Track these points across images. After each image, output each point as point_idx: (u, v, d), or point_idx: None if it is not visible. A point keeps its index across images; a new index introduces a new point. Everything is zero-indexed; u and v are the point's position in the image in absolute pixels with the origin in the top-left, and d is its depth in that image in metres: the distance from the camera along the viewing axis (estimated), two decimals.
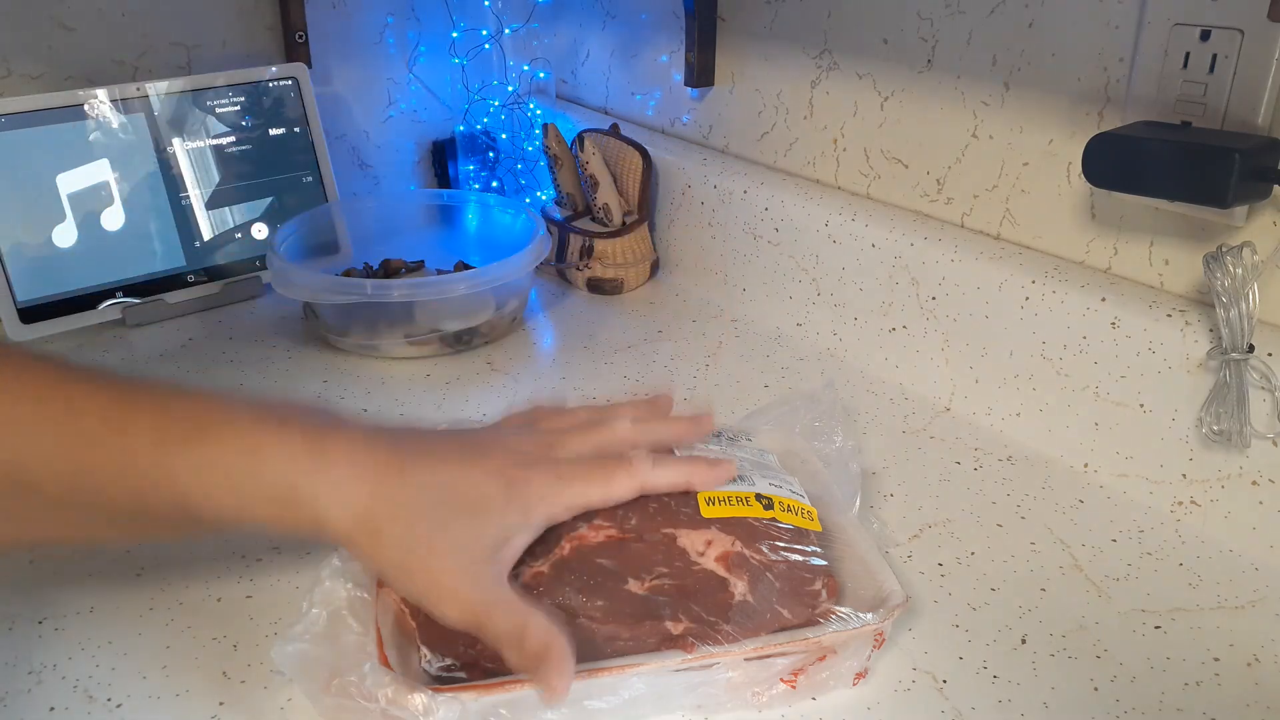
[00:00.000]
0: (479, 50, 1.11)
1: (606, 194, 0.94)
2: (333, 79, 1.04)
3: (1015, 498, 0.64)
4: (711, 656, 0.46)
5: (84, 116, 0.84)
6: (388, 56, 1.07)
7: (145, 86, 0.86)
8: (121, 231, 0.86)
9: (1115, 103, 0.65)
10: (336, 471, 0.42)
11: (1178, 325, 0.61)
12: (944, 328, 0.74)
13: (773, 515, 0.51)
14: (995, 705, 0.48)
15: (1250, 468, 0.58)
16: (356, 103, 1.06)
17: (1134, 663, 0.51)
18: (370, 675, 0.42)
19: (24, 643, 0.52)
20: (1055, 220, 0.70)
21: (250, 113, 0.92)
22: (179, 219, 0.89)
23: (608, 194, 0.94)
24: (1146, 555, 0.59)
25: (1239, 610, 0.55)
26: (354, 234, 0.95)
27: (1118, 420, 0.65)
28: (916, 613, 0.54)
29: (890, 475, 0.67)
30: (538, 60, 1.13)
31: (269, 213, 0.93)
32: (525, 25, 1.12)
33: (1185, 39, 0.59)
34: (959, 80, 0.74)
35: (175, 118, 0.88)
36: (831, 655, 0.47)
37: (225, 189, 0.91)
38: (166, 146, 0.88)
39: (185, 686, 0.49)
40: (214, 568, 0.57)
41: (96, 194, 0.85)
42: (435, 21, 1.09)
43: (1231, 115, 0.58)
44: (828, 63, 0.83)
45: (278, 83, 0.93)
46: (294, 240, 0.87)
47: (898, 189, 0.81)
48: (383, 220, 0.97)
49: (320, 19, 1.00)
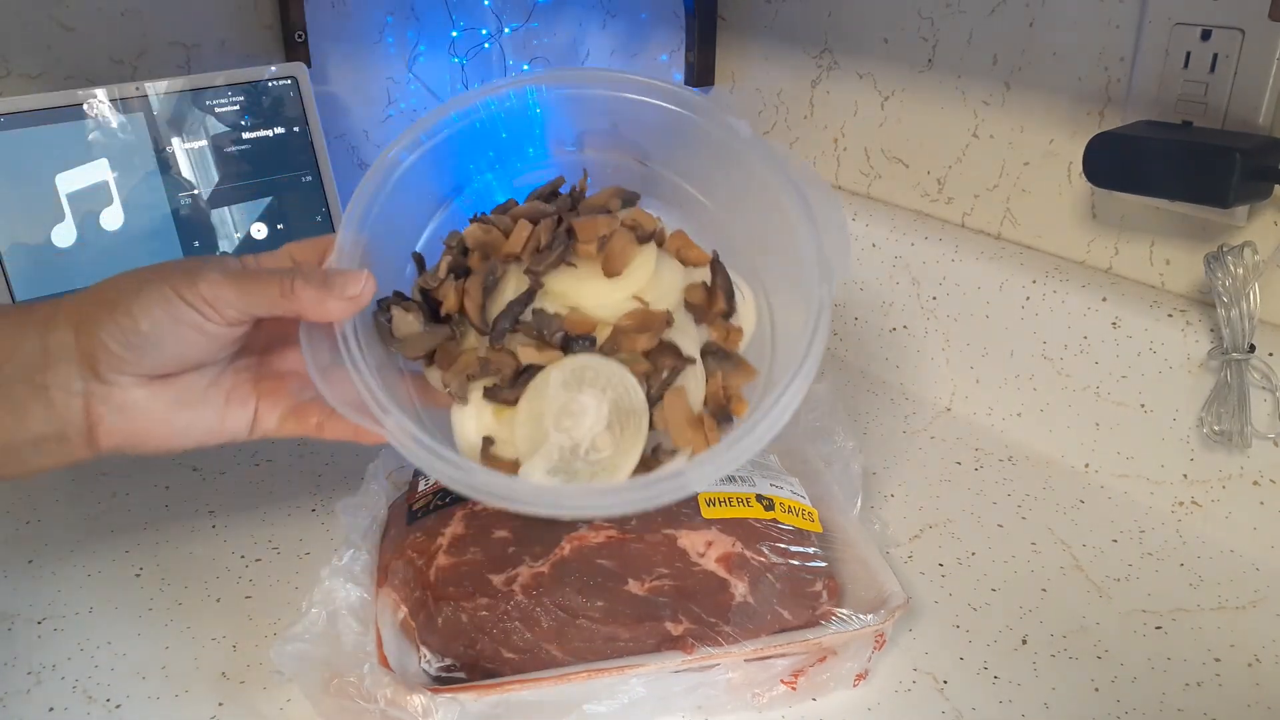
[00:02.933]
0: (479, 49, 1.11)
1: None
2: (332, 78, 1.03)
3: (1016, 498, 0.64)
4: (712, 658, 0.46)
5: (83, 116, 0.84)
6: (387, 56, 1.07)
7: (144, 86, 0.86)
8: (121, 231, 0.86)
9: (1116, 102, 0.65)
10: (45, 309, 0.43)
11: (1179, 325, 0.61)
12: (945, 328, 0.74)
13: (773, 516, 0.51)
14: (996, 706, 0.48)
15: (1251, 468, 0.58)
16: (356, 102, 1.06)
17: (1135, 663, 0.51)
18: (370, 676, 0.42)
19: (23, 643, 0.52)
20: (1056, 220, 0.70)
21: (249, 112, 0.92)
22: (178, 219, 0.89)
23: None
24: (1147, 555, 0.59)
25: (1240, 610, 0.55)
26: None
27: (1119, 420, 0.65)
28: (917, 613, 0.54)
29: (891, 476, 0.67)
30: (537, 59, 1.13)
31: (268, 212, 0.93)
32: (525, 24, 1.12)
33: (1186, 38, 0.59)
34: (960, 80, 0.74)
35: (174, 117, 0.88)
36: (832, 656, 0.47)
37: (224, 188, 0.91)
38: (166, 146, 0.88)
39: (184, 687, 0.49)
40: (213, 568, 0.57)
41: (96, 194, 0.85)
42: (435, 21, 1.08)
43: (1232, 115, 0.58)
44: (828, 62, 0.83)
45: (277, 82, 0.93)
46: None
47: (898, 188, 0.81)
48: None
49: (320, 18, 1.00)
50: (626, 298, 0.48)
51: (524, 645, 0.46)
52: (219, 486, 0.65)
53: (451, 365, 0.47)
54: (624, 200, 0.53)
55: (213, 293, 0.42)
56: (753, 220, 0.52)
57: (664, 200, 0.55)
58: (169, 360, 0.43)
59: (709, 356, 0.48)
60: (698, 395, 0.47)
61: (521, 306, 0.47)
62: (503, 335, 0.47)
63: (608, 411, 0.44)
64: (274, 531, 0.60)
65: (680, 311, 0.49)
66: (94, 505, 0.63)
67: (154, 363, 0.43)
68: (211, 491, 0.64)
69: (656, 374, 0.46)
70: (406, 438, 0.42)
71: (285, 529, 0.61)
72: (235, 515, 0.62)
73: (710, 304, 0.49)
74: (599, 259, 0.48)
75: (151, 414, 0.44)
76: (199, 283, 0.41)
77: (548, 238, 0.49)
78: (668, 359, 0.46)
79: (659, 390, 0.46)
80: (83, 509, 0.63)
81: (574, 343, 0.46)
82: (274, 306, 0.43)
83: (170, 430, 0.45)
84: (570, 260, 0.48)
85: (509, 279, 0.49)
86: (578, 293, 0.48)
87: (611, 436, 0.44)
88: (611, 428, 0.44)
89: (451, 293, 0.48)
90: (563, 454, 0.44)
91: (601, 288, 0.48)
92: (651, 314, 0.48)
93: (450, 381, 0.47)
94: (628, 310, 0.48)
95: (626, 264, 0.48)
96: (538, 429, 0.45)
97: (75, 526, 0.61)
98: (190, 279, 0.42)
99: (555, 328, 0.46)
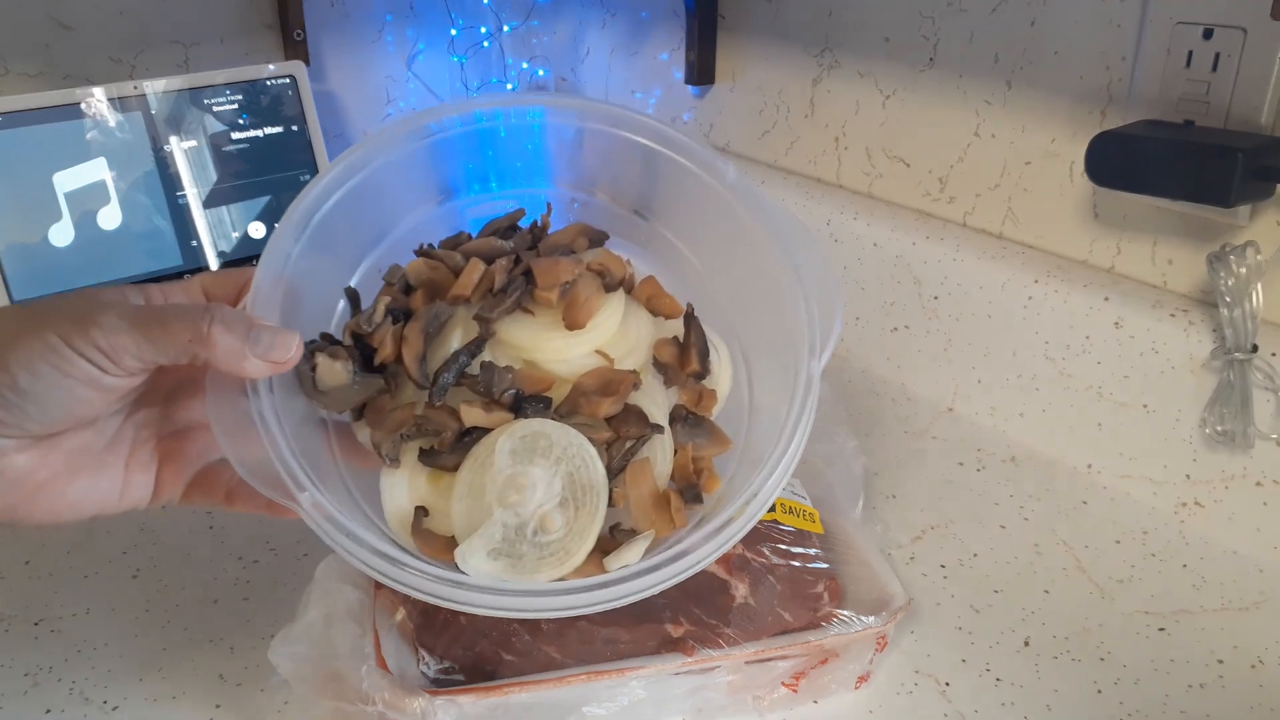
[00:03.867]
0: (478, 48, 1.11)
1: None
2: (331, 77, 1.03)
3: (1018, 499, 0.64)
4: (712, 660, 0.45)
5: (81, 115, 0.84)
6: (386, 54, 1.07)
7: (142, 85, 0.86)
8: (118, 230, 0.86)
9: (1118, 101, 0.64)
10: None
11: (1181, 325, 0.61)
12: (946, 328, 0.74)
13: (774, 517, 0.51)
14: (998, 708, 0.48)
15: (1254, 468, 0.58)
16: (355, 101, 1.05)
17: (1137, 665, 0.51)
18: (368, 678, 0.42)
19: (20, 645, 0.52)
20: (1058, 219, 0.70)
21: (248, 111, 0.91)
22: (176, 218, 0.88)
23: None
24: (1150, 557, 0.59)
25: (1243, 612, 0.54)
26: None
27: (1121, 421, 0.64)
28: (919, 615, 0.54)
29: (892, 476, 0.66)
30: (537, 58, 1.12)
31: (266, 211, 0.93)
32: (525, 23, 1.12)
33: (1188, 37, 0.58)
34: (961, 79, 0.73)
35: (172, 116, 0.88)
36: (833, 658, 0.47)
37: (222, 188, 0.91)
38: (164, 145, 0.88)
39: (182, 689, 0.49)
40: (210, 569, 0.57)
41: (93, 193, 0.84)
42: (434, 19, 1.08)
43: (1234, 114, 0.57)
44: (829, 61, 0.83)
45: (275, 81, 0.93)
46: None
47: (900, 188, 0.80)
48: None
49: (318, 17, 1.00)
50: (589, 352, 0.43)
51: (523, 647, 0.45)
52: None
53: (383, 423, 0.41)
54: (591, 240, 0.46)
55: (109, 341, 0.35)
56: (734, 273, 0.46)
57: (634, 241, 0.49)
58: (54, 420, 0.36)
59: (678, 424, 0.43)
60: (664, 469, 0.42)
61: (469, 358, 0.41)
62: (444, 391, 0.40)
63: (560, 487, 0.39)
64: (271, 533, 0.60)
65: (648, 371, 0.44)
66: None
67: (37, 424, 0.36)
68: None
69: (619, 443, 0.40)
70: (325, 521, 0.37)
71: (283, 530, 0.60)
72: (233, 517, 0.61)
73: (682, 363, 0.43)
74: (560, 307, 0.42)
75: (35, 483, 0.37)
76: (91, 329, 0.35)
77: (503, 280, 0.43)
78: (633, 426, 0.40)
79: (620, 461, 0.40)
80: None
81: (526, 404, 0.40)
82: (182, 354, 0.36)
83: (59, 502, 0.38)
84: (527, 307, 0.43)
85: (455, 325, 0.43)
86: (534, 345, 0.42)
87: (564, 515, 0.39)
88: (565, 505, 0.39)
89: (389, 339, 0.41)
90: (506, 534, 0.38)
91: (561, 340, 0.42)
92: (617, 374, 0.42)
93: (381, 441, 0.40)
94: (589, 367, 0.42)
95: (590, 315, 0.42)
96: (479, 503, 0.39)
97: (72, 528, 0.61)
98: (81, 325, 0.35)
99: (506, 385, 0.40)
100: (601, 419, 0.41)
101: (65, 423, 0.37)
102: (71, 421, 0.37)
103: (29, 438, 0.37)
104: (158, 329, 0.36)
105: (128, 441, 0.41)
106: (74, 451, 0.38)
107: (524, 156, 0.49)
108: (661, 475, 0.41)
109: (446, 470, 0.41)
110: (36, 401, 0.35)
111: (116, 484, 0.40)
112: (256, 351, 0.37)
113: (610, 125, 0.46)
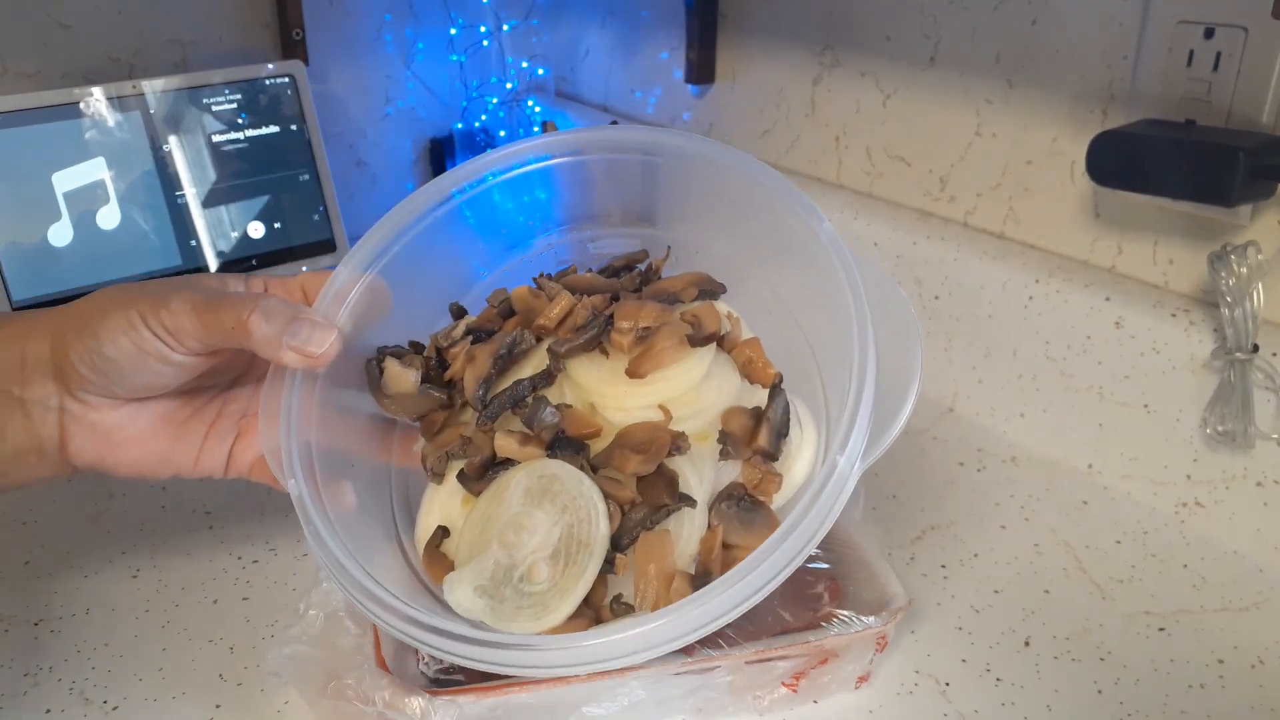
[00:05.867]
0: (477, 47, 1.11)
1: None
2: (330, 77, 1.03)
3: (1019, 499, 0.64)
4: (712, 660, 0.45)
5: (80, 115, 0.83)
6: (385, 54, 1.06)
7: (141, 84, 0.86)
8: (117, 230, 0.86)
9: (1119, 100, 0.64)
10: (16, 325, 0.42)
11: (1182, 325, 0.61)
12: (947, 327, 0.74)
13: None
14: (998, 708, 0.48)
15: (1255, 468, 0.58)
16: (354, 100, 1.05)
17: (1138, 665, 0.51)
18: (367, 678, 0.42)
19: (20, 645, 0.52)
20: (1059, 219, 0.70)
21: (246, 111, 0.91)
22: (175, 217, 0.88)
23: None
24: (1150, 557, 0.59)
25: (1243, 612, 0.54)
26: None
27: (1122, 421, 0.64)
28: (919, 615, 0.54)
29: (893, 476, 0.66)
30: (537, 57, 1.12)
31: (265, 211, 0.93)
32: (524, 21, 1.12)
33: (1189, 36, 0.58)
34: (962, 78, 0.73)
35: (171, 116, 0.88)
36: (833, 658, 0.47)
37: (221, 187, 0.90)
38: (162, 144, 0.87)
39: (181, 689, 0.49)
40: (210, 569, 0.57)
41: (92, 192, 0.84)
42: (433, 18, 1.08)
43: (1236, 113, 0.57)
44: (830, 60, 0.83)
45: (274, 80, 0.92)
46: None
47: (900, 187, 0.80)
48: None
49: (317, 16, 1.00)
50: (650, 405, 0.40)
51: None
52: (216, 487, 0.65)
53: (434, 437, 0.41)
54: (702, 291, 0.43)
55: (175, 322, 0.39)
56: (813, 331, 0.42)
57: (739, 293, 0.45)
58: (134, 385, 0.41)
59: (725, 503, 0.39)
60: (688, 547, 0.39)
61: (529, 388, 0.40)
62: (494, 416, 0.40)
63: (558, 537, 0.37)
64: (271, 532, 0.60)
65: (710, 438, 0.40)
66: (91, 506, 0.63)
67: (120, 388, 0.41)
68: (209, 493, 0.64)
69: (640, 508, 0.37)
70: (301, 513, 0.37)
71: (283, 530, 0.60)
72: (232, 516, 0.62)
73: (751, 438, 0.40)
74: (632, 353, 0.40)
75: (123, 438, 0.42)
76: (162, 311, 0.39)
77: (586, 316, 0.41)
78: (660, 493, 0.38)
79: (636, 528, 0.38)
80: (80, 510, 0.63)
81: (561, 445, 0.39)
82: (229, 339, 0.39)
83: (141, 456, 0.42)
84: (605, 348, 0.41)
85: (533, 354, 0.42)
86: (597, 388, 0.41)
87: (552, 568, 0.37)
88: (556, 558, 0.37)
89: (461, 356, 0.42)
90: (496, 573, 0.37)
91: (623, 388, 0.40)
92: (660, 432, 0.39)
93: (428, 454, 0.41)
94: (648, 420, 0.40)
95: (658, 366, 0.39)
96: (484, 535, 0.38)
97: (72, 527, 0.61)
98: (155, 307, 0.39)
99: (549, 422, 0.39)
100: (630, 476, 0.38)
101: (145, 390, 0.41)
102: (150, 390, 0.41)
103: (118, 399, 0.41)
104: (211, 315, 0.39)
105: (213, 414, 0.44)
106: (160, 415, 0.43)
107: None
108: (683, 554, 0.38)
109: (473, 494, 0.40)
110: (118, 369, 0.39)
111: (194, 450, 0.44)
112: (292, 343, 0.40)
113: (728, 162, 0.44)
